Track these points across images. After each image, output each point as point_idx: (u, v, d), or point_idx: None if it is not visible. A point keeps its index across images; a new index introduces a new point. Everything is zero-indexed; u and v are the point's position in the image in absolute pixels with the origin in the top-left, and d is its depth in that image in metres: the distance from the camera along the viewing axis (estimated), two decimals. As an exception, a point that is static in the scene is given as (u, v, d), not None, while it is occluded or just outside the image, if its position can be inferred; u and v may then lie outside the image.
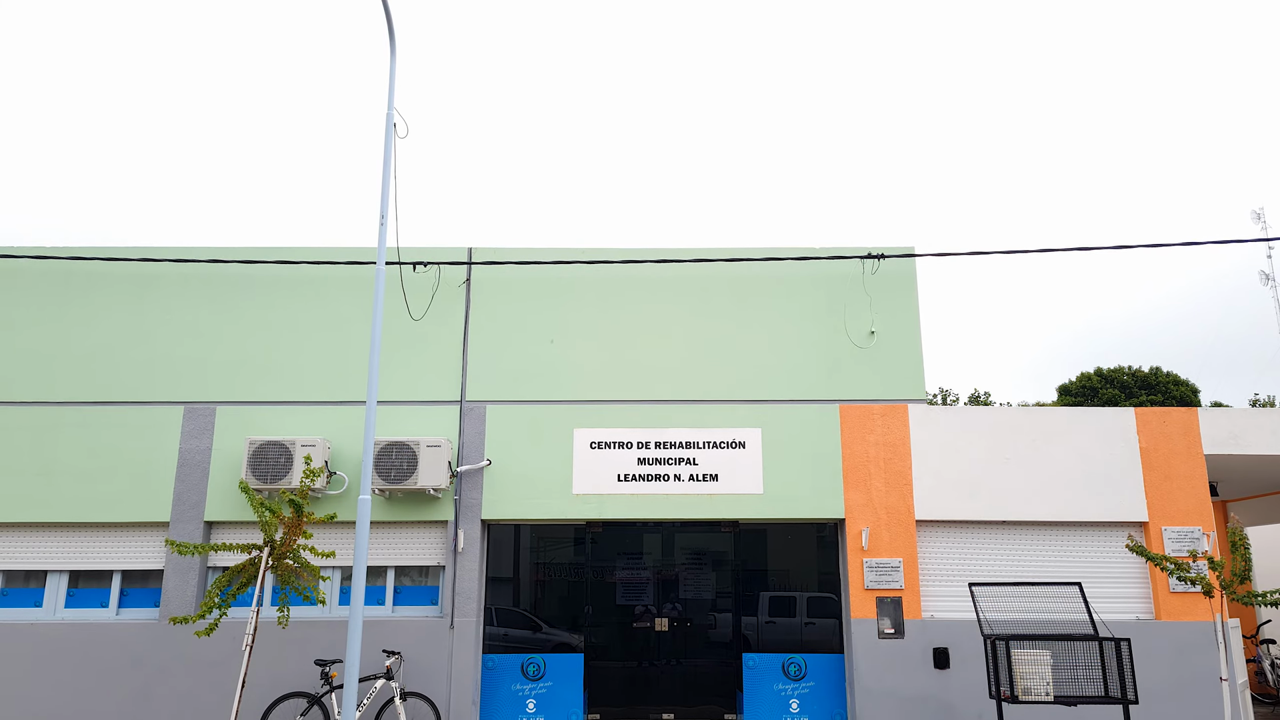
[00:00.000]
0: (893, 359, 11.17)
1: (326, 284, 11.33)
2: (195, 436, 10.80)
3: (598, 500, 10.71)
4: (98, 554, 10.68)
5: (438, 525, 10.78)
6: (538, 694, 10.61)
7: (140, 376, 11.02)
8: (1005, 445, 10.84)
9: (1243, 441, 10.82)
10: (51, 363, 11.05)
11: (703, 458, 10.83)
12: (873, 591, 10.43)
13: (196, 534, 10.48)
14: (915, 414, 10.95)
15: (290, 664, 10.03)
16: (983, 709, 9.92)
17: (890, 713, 10.11)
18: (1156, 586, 10.47)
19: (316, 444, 10.35)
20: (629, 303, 11.36)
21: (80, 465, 10.69)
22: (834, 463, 10.80)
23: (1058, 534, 10.81)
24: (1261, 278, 20.57)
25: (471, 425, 10.89)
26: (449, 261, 11.34)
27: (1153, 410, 10.99)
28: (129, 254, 11.31)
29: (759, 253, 11.48)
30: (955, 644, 10.24)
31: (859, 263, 11.38)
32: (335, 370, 11.03)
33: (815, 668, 10.74)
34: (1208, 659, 10.07)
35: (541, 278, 11.39)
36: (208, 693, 10.00)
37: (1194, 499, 10.67)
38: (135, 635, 10.27)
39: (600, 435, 10.89)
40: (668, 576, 12.03)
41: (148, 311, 11.22)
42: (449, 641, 10.29)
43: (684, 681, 11.59)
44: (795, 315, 11.32)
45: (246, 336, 11.17)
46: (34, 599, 10.66)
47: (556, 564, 12.34)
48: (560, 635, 11.84)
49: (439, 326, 11.20)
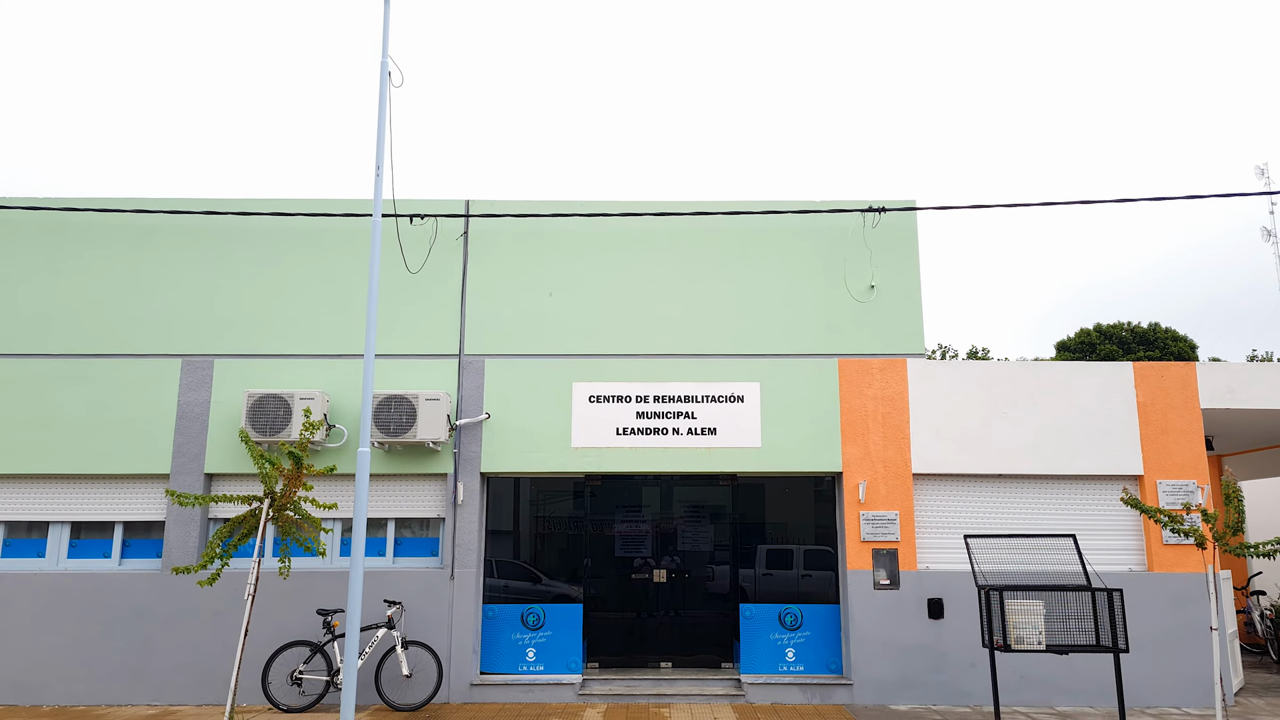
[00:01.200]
0: (892, 313, 11.14)
1: (323, 236, 11.26)
2: (194, 389, 10.81)
3: (596, 454, 10.76)
4: (99, 505, 10.76)
5: (437, 478, 10.84)
6: (537, 643, 10.75)
7: (137, 329, 11.00)
8: (1003, 399, 10.87)
9: (1240, 396, 10.85)
10: (48, 315, 11.02)
11: (701, 412, 10.86)
12: (869, 544, 10.53)
13: (197, 486, 10.54)
14: (914, 368, 10.96)
15: (292, 613, 10.16)
16: (976, 658, 10.07)
17: (885, 661, 10.27)
18: (1150, 539, 10.57)
19: (315, 397, 10.37)
20: (628, 256, 11.31)
21: (79, 417, 10.72)
22: (832, 417, 10.83)
23: (1054, 487, 10.88)
24: (1263, 234, 20.44)
25: (470, 379, 10.90)
26: (446, 214, 11.25)
27: (1151, 365, 11.01)
28: (123, 205, 11.21)
29: (759, 206, 11.39)
30: (950, 595, 10.36)
31: (860, 216, 11.31)
32: (333, 323, 11.01)
33: (811, 618, 10.88)
34: (1198, 609, 10.21)
35: (540, 231, 11.31)
36: (211, 641, 10.13)
37: (1189, 453, 10.73)
38: (138, 585, 10.38)
39: (599, 389, 10.90)
40: (666, 529, 12.11)
41: (144, 264, 11.16)
42: (449, 592, 10.40)
43: (682, 632, 11.75)
44: (795, 269, 11.27)
45: (244, 289, 11.13)
46: (37, 549, 10.75)
47: (556, 517, 12.42)
48: (560, 587, 11.96)
49: (437, 280, 11.15)
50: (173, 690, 10.14)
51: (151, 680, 10.16)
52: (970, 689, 10.13)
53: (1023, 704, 10.13)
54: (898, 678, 10.23)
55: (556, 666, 10.67)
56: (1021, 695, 10.13)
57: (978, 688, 10.04)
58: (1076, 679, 10.10)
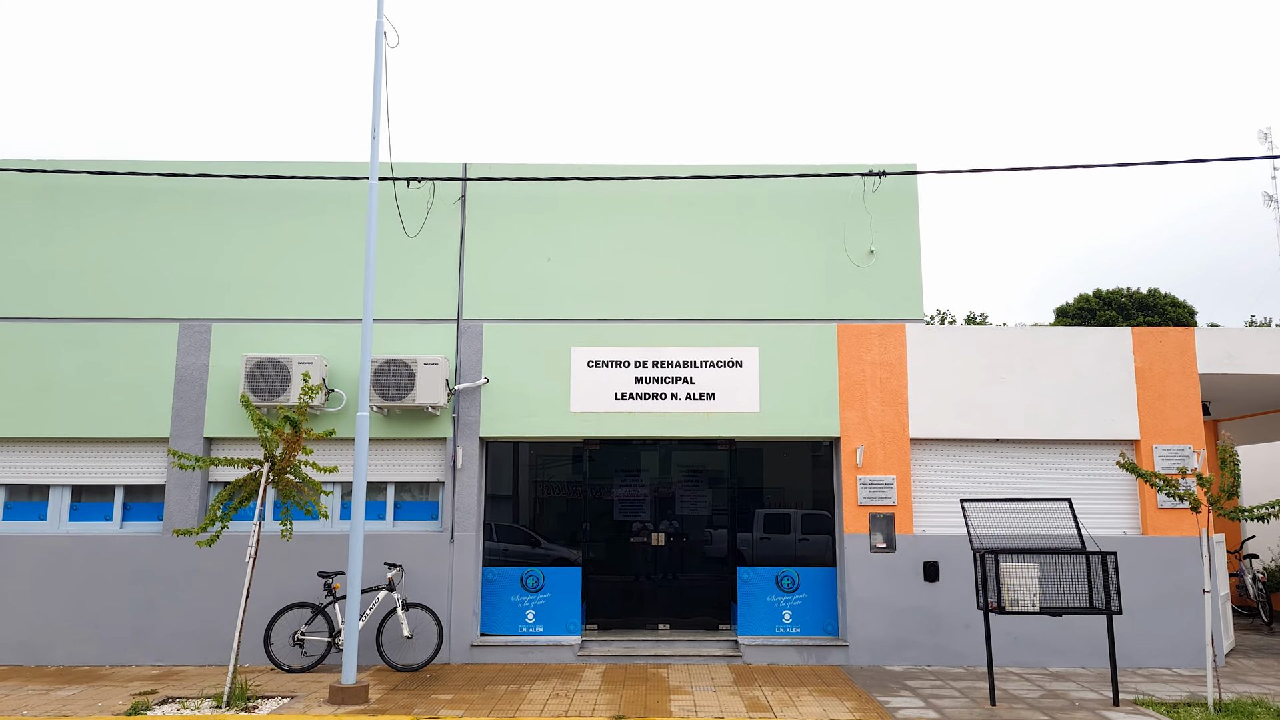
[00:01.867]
0: (892, 278, 11.12)
1: (320, 200, 11.19)
2: (192, 353, 10.81)
3: (595, 419, 10.79)
4: (99, 469, 10.80)
5: (437, 443, 10.87)
6: (537, 605, 10.86)
7: (134, 293, 10.97)
8: (1001, 364, 10.89)
9: (1238, 361, 10.86)
10: (44, 278, 10.98)
11: (700, 377, 10.87)
12: (866, 508, 10.60)
13: (196, 450, 10.57)
14: (913, 333, 10.96)
15: (294, 576, 10.24)
16: (970, 620, 10.19)
17: (880, 623, 10.38)
18: (1145, 502, 10.64)
19: (314, 361, 10.37)
20: (627, 220, 11.25)
21: (77, 381, 10.72)
22: (830, 382, 10.85)
23: (1050, 452, 10.94)
24: (1264, 199, 20.31)
25: (469, 343, 10.90)
26: (444, 177, 11.18)
27: (1149, 330, 11.01)
28: (118, 168, 11.12)
29: (758, 170, 11.32)
30: (945, 558, 10.45)
31: (860, 180, 11.24)
32: (331, 288, 10.98)
33: (808, 581, 10.98)
34: (1192, 572, 10.31)
35: (538, 195, 11.25)
36: (213, 603, 10.22)
37: (1186, 418, 10.76)
38: (139, 547, 10.45)
39: (597, 354, 10.91)
40: (665, 494, 12.18)
41: (139, 227, 11.10)
42: (449, 555, 10.49)
43: (680, 595, 11.87)
44: (794, 234, 11.23)
45: (240, 253, 11.08)
46: (38, 512, 10.81)
47: (555, 481, 12.48)
48: (559, 550, 12.05)
49: (434, 244, 11.10)
50: (176, 651, 10.25)
51: (155, 641, 10.27)
52: (964, 650, 10.25)
53: (1016, 665, 10.26)
54: (893, 639, 10.35)
55: (556, 628, 10.79)
56: (1015, 656, 10.26)
57: (972, 649, 10.16)
58: (1069, 640, 10.23)
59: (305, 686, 9.05)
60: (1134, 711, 8.15)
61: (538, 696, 8.66)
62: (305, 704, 8.31)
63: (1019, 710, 8.20)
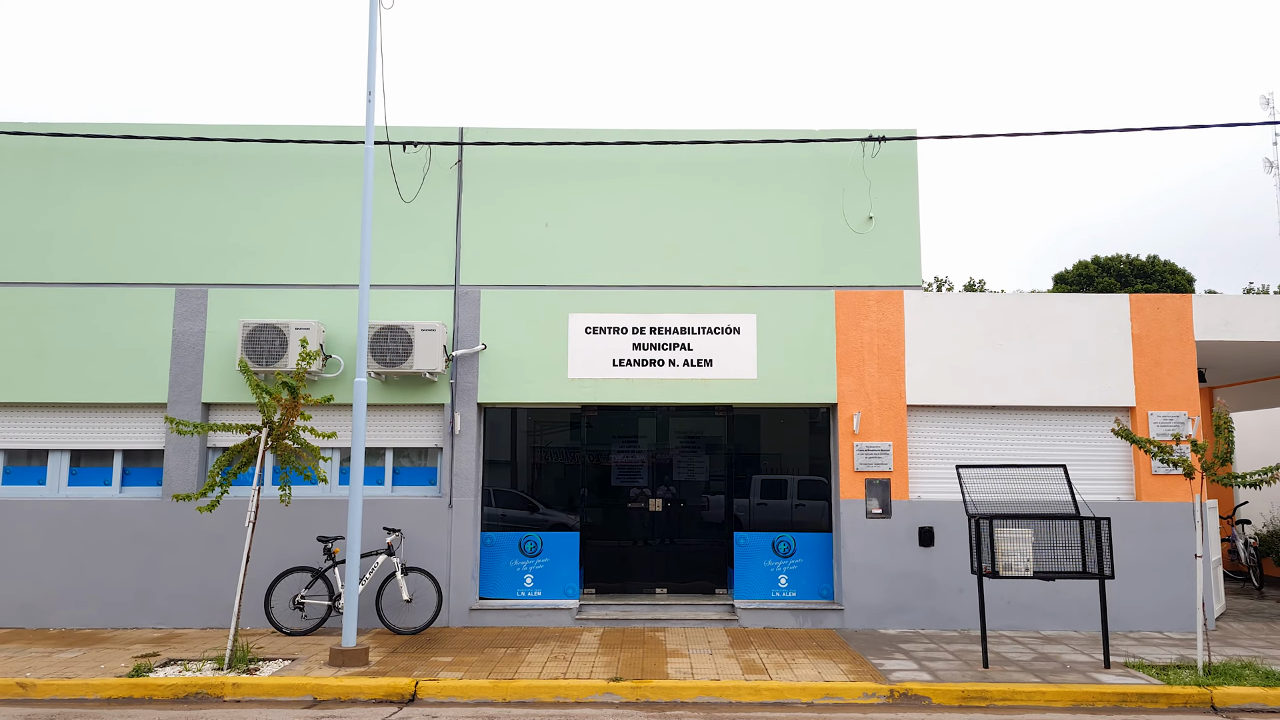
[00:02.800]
0: (890, 245, 11.09)
1: (316, 165, 11.10)
2: (188, 319, 10.79)
3: (593, 385, 10.80)
4: (97, 434, 10.82)
5: (434, 408, 10.89)
6: (535, 569, 10.95)
7: (130, 257, 10.92)
8: (999, 331, 10.89)
9: (1235, 328, 10.87)
10: (38, 243, 10.92)
11: (698, 343, 10.87)
12: (862, 474, 10.66)
13: (194, 415, 10.59)
14: (910, 300, 10.95)
15: (293, 540, 10.30)
16: (964, 584, 10.28)
17: (875, 587, 10.48)
18: (1139, 469, 10.70)
19: (311, 327, 10.35)
20: (625, 186, 11.19)
21: (74, 346, 10.71)
22: (828, 348, 10.86)
23: (1046, 418, 10.98)
24: (1265, 165, 20.22)
25: (466, 309, 10.88)
26: (440, 142, 11.09)
27: (1147, 296, 11.00)
28: (110, 131, 11.02)
29: (757, 135, 11.23)
30: (940, 523, 10.53)
31: (859, 146, 11.16)
32: (327, 253, 10.94)
33: (804, 546, 11.07)
34: (1184, 537, 10.40)
35: (535, 160, 11.17)
36: (213, 567, 10.29)
37: (1182, 384, 10.79)
38: (139, 512, 10.50)
39: (595, 320, 10.89)
40: (662, 460, 12.21)
41: (133, 191, 11.03)
42: (448, 520, 10.55)
43: (677, 560, 11.95)
44: (793, 200, 11.17)
45: (236, 218, 11.02)
46: (37, 477, 10.85)
47: (553, 447, 12.51)
48: (557, 516, 12.10)
49: (431, 209, 11.04)
50: (177, 614, 10.34)
51: (156, 604, 10.35)
52: (958, 614, 10.36)
53: (1009, 628, 10.37)
54: (888, 603, 10.46)
55: (554, 592, 10.88)
56: (1008, 620, 10.37)
57: (965, 613, 10.27)
58: (1062, 604, 10.33)
59: (306, 649, 9.15)
60: (1124, 673, 8.26)
61: (536, 659, 8.76)
62: (306, 666, 8.40)
63: (1011, 672, 8.31)
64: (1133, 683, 7.87)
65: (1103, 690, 7.63)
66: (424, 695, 7.68)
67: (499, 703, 7.60)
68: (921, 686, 7.72)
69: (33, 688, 7.70)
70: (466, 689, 7.71)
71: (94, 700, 7.60)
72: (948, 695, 7.63)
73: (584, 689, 7.69)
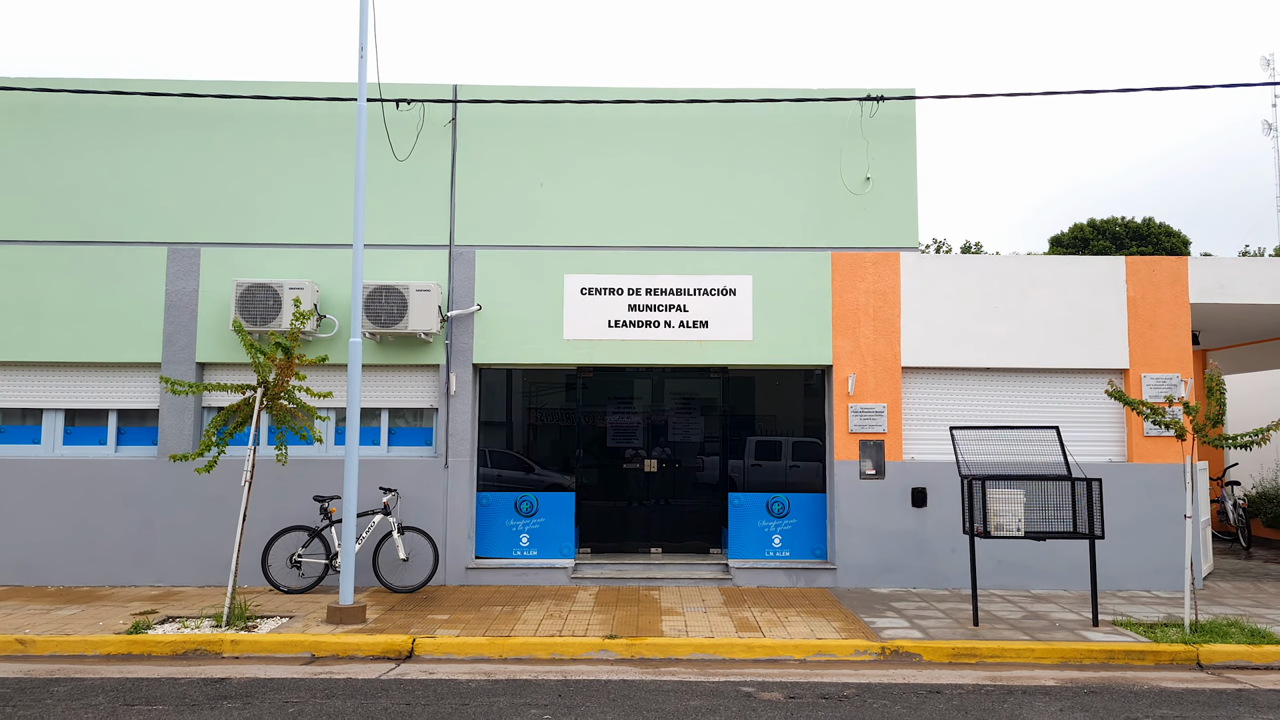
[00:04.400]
0: (887, 206, 11.03)
1: (309, 122, 10.97)
2: (181, 278, 10.72)
3: (588, 346, 10.79)
4: (92, 393, 10.80)
5: (430, 369, 10.89)
6: (531, 529, 11.02)
7: (121, 216, 10.82)
8: (994, 294, 10.88)
9: (1229, 291, 10.88)
10: (27, 200, 10.81)
11: (693, 304, 10.85)
12: (856, 435, 10.71)
13: (189, 375, 10.57)
14: (906, 262, 10.92)
15: (290, 500, 10.34)
16: (956, 544, 10.38)
17: (868, 547, 10.58)
18: (1131, 430, 10.77)
19: (305, 287, 10.30)
20: (620, 146, 11.09)
21: (67, 305, 10.65)
22: (824, 310, 10.85)
23: (1041, 380, 11.02)
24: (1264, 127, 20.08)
25: (461, 270, 10.83)
26: (434, 99, 10.95)
27: (1143, 259, 10.99)
28: (99, 86, 10.86)
29: (754, 94, 11.11)
30: (933, 484, 10.61)
31: (857, 105, 11.05)
32: (321, 212, 10.85)
33: (798, 506, 11.15)
34: (1174, 498, 10.49)
35: (530, 118, 11.05)
36: (210, 526, 10.34)
37: (1176, 347, 10.82)
38: (135, 471, 10.52)
39: (591, 281, 10.85)
40: (657, 421, 12.25)
41: (123, 149, 10.90)
42: (444, 480, 10.59)
43: (672, 520, 12.04)
44: (790, 160, 11.09)
45: (228, 176, 10.91)
46: (32, 436, 10.84)
47: (548, 408, 12.54)
48: (552, 476, 12.17)
49: (426, 169, 10.94)
50: (175, 572, 10.41)
51: (154, 563, 10.41)
52: (949, 573, 10.48)
53: (999, 587, 10.50)
54: (880, 563, 10.56)
55: (549, 551, 10.97)
56: (999, 579, 10.50)
57: (957, 572, 10.38)
58: (1052, 564, 10.45)
59: (303, 607, 9.22)
60: (1112, 631, 8.38)
61: (532, 617, 8.84)
62: (304, 623, 8.47)
63: (1000, 630, 8.43)
64: (1120, 640, 7.99)
65: (1091, 648, 7.74)
66: (421, 652, 7.76)
67: (495, 659, 7.69)
68: (912, 644, 7.83)
69: (32, 644, 7.77)
70: (463, 646, 7.79)
71: (93, 657, 7.67)
72: (938, 652, 7.74)
73: (580, 646, 7.78)
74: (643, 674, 7.19)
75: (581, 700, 6.40)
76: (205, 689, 6.66)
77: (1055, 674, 7.31)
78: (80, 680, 6.90)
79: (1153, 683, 7.07)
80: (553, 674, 7.18)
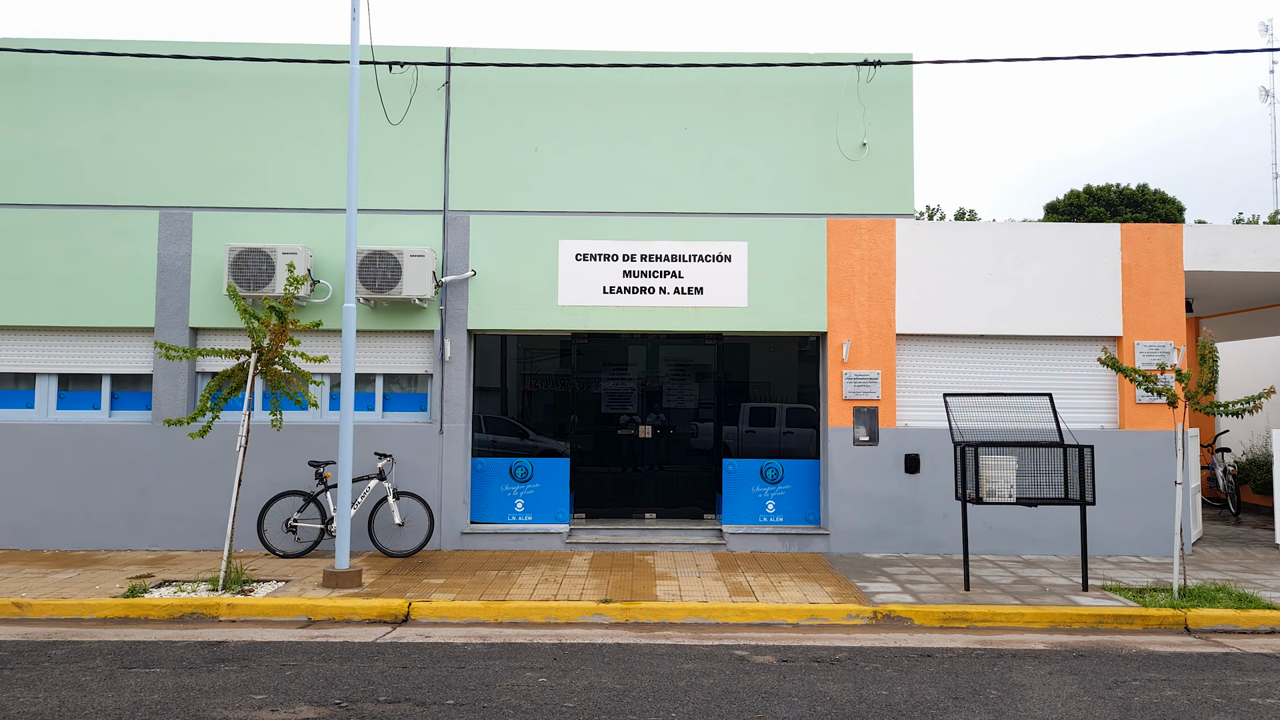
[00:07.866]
0: (883, 172, 10.97)
1: (301, 85, 10.84)
2: (173, 242, 10.64)
3: (583, 312, 10.77)
4: (85, 357, 10.77)
5: (424, 335, 10.86)
6: (525, 495, 11.07)
7: (112, 179, 10.71)
8: (989, 261, 10.87)
9: (1224, 258, 10.88)
10: (18, 163, 10.69)
11: (688, 271, 10.82)
12: (850, 402, 10.74)
13: (182, 340, 10.53)
14: (902, 229, 10.89)
15: (285, 465, 10.36)
16: (948, 510, 10.47)
17: (861, 513, 10.66)
18: (1124, 397, 10.82)
19: (298, 252, 10.24)
20: (616, 111, 10.99)
21: (59, 269, 10.58)
22: (819, 277, 10.83)
23: (1034, 347, 11.04)
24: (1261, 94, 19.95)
25: (455, 235, 10.77)
26: (427, 62, 10.82)
27: (1138, 226, 10.97)
28: (88, 48, 10.70)
29: (750, 58, 11.00)
30: (927, 451, 10.67)
31: (854, 70, 10.95)
32: (314, 176, 10.75)
33: (792, 472, 11.21)
34: (1165, 465, 10.57)
35: (525, 82, 10.93)
36: (206, 490, 10.36)
37: (1169, 314, 10.84)
38: (129, 436, 10.52)
39: (585, 247, 10.81)
40: (652, 387, 12.26)
41: (113, 111, 10.76)
42: (439, 445, 10.61)
43: (666, 486, 12.10)
44: (786, 126, 11.00)
45: (220, 139, 10.79)
46: (25, 400, 10.82)
47: (543, 375, 12.54)
48: (547, 442, 12.19)
49: (419, 133, 10.83)
50: (171, 536, 10.45)
51: (149, 527, 10.44)
52: (942, 539, 10.57)
53: (991, 553, 10.60)
54: (873, 528, 10.65)
55: (544, 517, 11.03)
56: (990, 545, 10.59)
57: (949, 538, 10.48)
58: (1044, 529, 10.55)
59: (299, 571, 9.27)
60: (1101, 596, 8.48)
61: (527, 581, 8.91)
62: (300, 588, 8.52)
63: (991, 595, 8.52)
64: (1109, 605, 8.09)
65: (1080, 612, 7.83)
66: (417, 616, 7.82)
67: (491, 623, 7.76)
68: (904, 608, 7.91)
69: (29, 607, 7.81)
70: (459, 610, 7.85)
71: (90, 620, 7.71)
72: (930, 617, 7.83)
73: (575, 610, 7.85)
74: (637, 637, 7.26)
75: (576, 663, 6.47)
76: (203, 652, 6.71)
77: (1045, 638, 7.40)
78: (78, 643, 6.95)
79: (1141, 646, 7.16)
80: (548, 637, 7.25)
